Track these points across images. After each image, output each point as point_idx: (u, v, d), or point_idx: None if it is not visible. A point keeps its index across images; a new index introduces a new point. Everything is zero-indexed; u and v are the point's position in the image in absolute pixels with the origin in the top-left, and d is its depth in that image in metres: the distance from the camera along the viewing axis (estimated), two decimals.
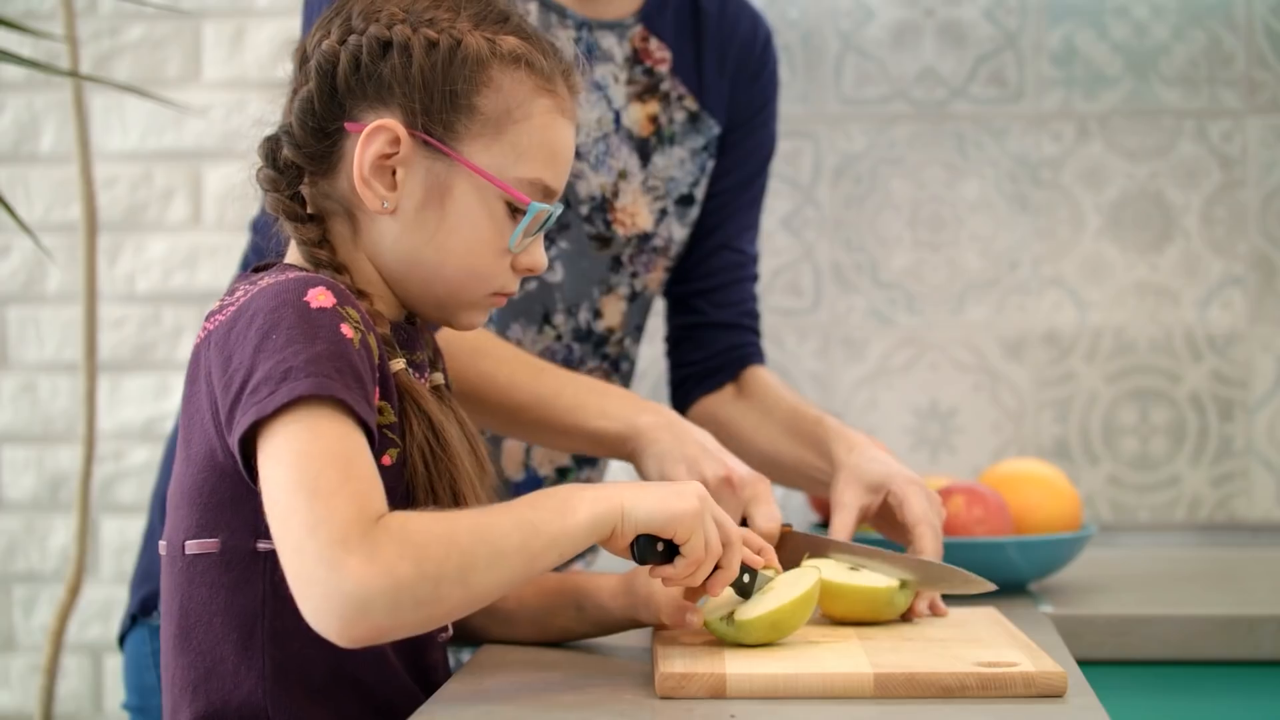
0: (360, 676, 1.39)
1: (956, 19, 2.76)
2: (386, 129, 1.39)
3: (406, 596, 1.22)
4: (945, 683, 1.31)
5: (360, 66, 1.40)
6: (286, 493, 1.24)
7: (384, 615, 1.22)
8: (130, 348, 2.89)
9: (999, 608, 1.67)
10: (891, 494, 1.71)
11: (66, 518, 2.88)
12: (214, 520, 1.36)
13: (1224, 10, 2.73)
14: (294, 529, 1.23)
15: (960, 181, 2.76)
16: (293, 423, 1.26)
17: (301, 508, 1.23)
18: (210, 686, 1.36)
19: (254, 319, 1.32)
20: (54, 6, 2.82)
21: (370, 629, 1.22)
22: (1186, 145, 2.74)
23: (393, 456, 1.38)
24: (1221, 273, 2.74)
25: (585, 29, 1.90)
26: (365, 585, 1.21)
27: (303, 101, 1.42)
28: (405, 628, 1.24)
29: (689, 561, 1.38)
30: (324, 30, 1.44)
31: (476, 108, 1.40)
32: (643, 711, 1.28)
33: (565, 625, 1.55)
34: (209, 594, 1.36)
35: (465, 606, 1.26)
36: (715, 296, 2.05)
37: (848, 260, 2.77)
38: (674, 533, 1.36)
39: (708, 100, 1.98)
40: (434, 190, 1.41)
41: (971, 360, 2.76)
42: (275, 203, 1.44)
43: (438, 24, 1.41)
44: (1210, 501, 2.73)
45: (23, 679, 2.91)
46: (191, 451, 1.37)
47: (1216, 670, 1.92)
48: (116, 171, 2.88)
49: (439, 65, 1.39)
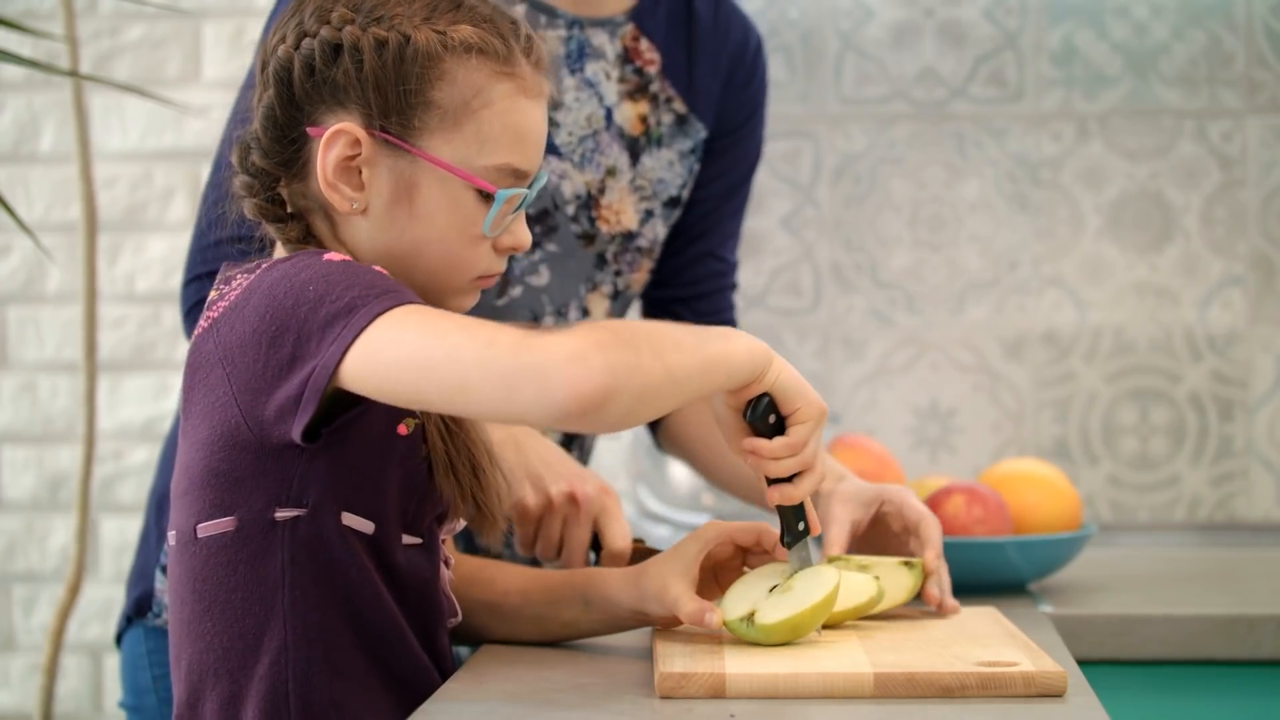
0: (380, 650, 1.39)
1: (956, 19, 2.76)
2: (345, 132, 1.39)
3: (612, 355, 1.23)
4: (945, 682, 1.31)
5: (314, 71, 1.40)
6: (435, 348, 1.25)
7: (600, 366, 1.22)
8: (130, 347, 2.89)
9: (999, 607, 1.67)
10: (887, 502, 1.70)
11: (66, 517, 2.88)
12: (229, 499, 1.36)
13: (1224, 10, 2.73)
14: (467, 359, 1.24)
15: (960, 181, 2.76)
16: (387, 329, 1.28)
17: (464, 340, 1.25)
18: (232, 665, 1.37)
19: (276, 287, 1.33)
20: (54, 6, 2.82)
21: (599, 373, 1.22)
22: (1186, 145, 2.74)
23: (409, 426, 1.39)
24: (1221, 273, 2.74)
25: (576, 27, 1.89)
26: (569, 346, 1.23)
27: (265, 109, 1.42)
28: (623, 387, 1.24)
29: (790, 443, 1.39)
30: (280, 34, 1.43)
31: (433, 102, 1.39)
32: (642, 711, 1.28)
33: (570, 620, 1.54)
34: (225, 572, 1.36)
35: (666, 383, 1.27)
36: (696, 305, 2.04)
37: (847, 260, 2.77)
38: (797, 409, 1.38)
39: (696, 104, 1.97)
40: (401, 187, 1.41)
41: (971, 360, 2.76)
42: (254, 208, 1.44)
43: (386, 22, 1.39)
44: (1210, 501, 2.73)
45: (22, 679, 2.91)
46: (201, 437, 1.37)
47: (1216, 670, 1.92)
48: (116, 171, 2.88)
49: (390, 64, 1.39)
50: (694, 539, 1.48)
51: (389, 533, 1.40)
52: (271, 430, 1.33)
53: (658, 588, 1.47)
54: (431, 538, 1.44)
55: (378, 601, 1.39)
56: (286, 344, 1.31)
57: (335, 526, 1.36)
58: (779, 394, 1.38)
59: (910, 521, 1.68)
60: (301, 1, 1.44)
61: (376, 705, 1.40)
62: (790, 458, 1.40)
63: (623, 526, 1.67)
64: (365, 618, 1.39)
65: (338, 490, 1.36)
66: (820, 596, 1.41)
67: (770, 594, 1.43)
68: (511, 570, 1.57)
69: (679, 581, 1.46)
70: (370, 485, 1.38)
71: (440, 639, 1.46)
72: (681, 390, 1.30)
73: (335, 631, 1.37)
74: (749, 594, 1.44)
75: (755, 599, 1.43)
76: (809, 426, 1.40)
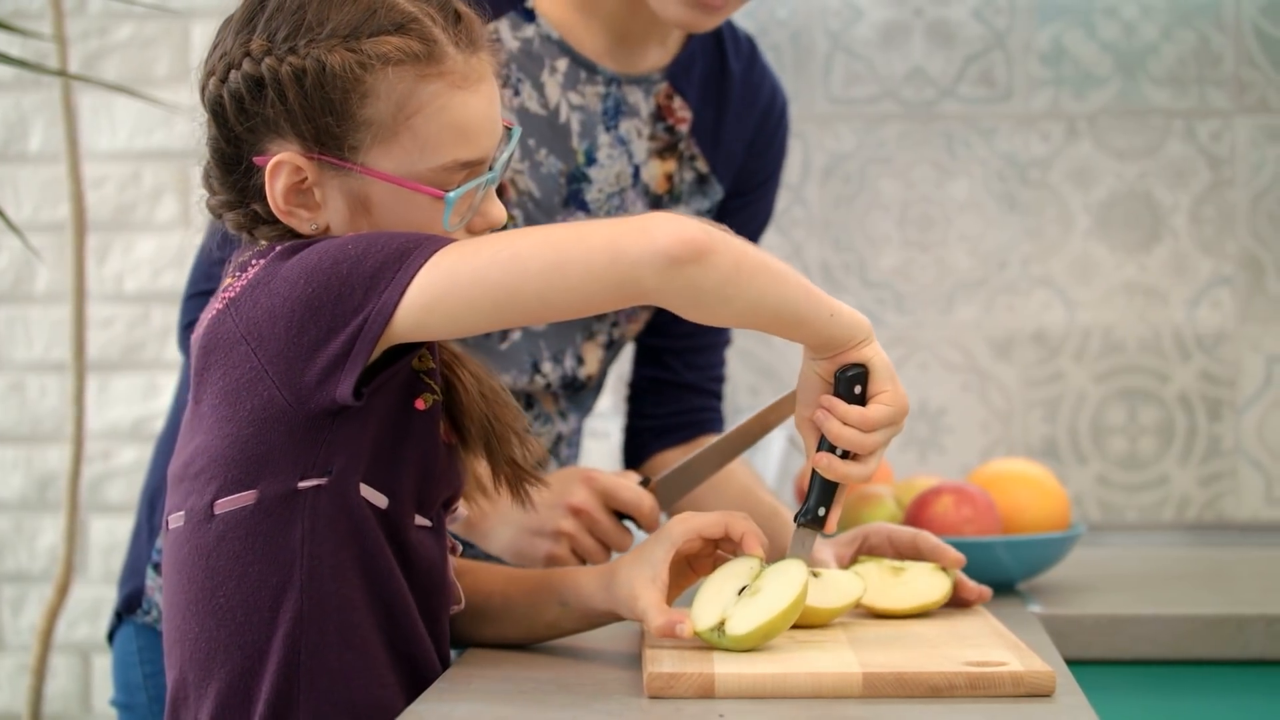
0: (388, 625, 1.40)
1: (945, 19, 2.76)
2: (286, 162, 1.39)
3: (707, 224, 1.29)
4: (934, 682, 1.31)
5: (245, 108, 1.40)
6: (520, 241, 1.30)
7: (696, 226, 1.28)
8: (119, 347, 2.89)
9: (988, 607, 1.67)
10: (872, 534, 1.71)
11: (55, 517, 2.88)
12: (253, 473, 1.36)
13: (1213, 10, 2.73)
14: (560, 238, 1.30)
15: (949, 181, 2.76)
16: (448, 258, 1.32)
17: (546, 230, 1.32)
18: (245, 639, 1.37)
19: (308, 256, 1.34)
20: (43, 6, 2.82)
21: (696, 230, 1.28)
22: (1175, 145, 2.75)
23: (427, 401, 1.40)
24: (1210, 272, 2.74)
25: (615, 84, 1.87)
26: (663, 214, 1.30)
27: (211, 142, 1.43)
28: (722, 248, 1.29)
29: (864, 415, 1.38)
30: (210, 67, 1.43)
31: (363, 120, 1.38)
32: (631, 711, 1.28)
33: (552, 620, 1.54)
34: (242, 546, 1.37)
35: (764, 273, 1.32)
36: (689, 358, 2.04)
37: (836, 260, 2.77)
38: (884, 391, 1.38)
39: (718, 165, 1.95)
40: (355, 203, 1.40)
41: (960, 360, 2.76)
42: (234, 222, 1.45)
43: (302, 50, 1.38)
44: (1199, 501, 2.74)
45: (11, 679, 2.91)
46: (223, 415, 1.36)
47: (1205, 670, 1.92)
48: (105, 171, 2.87)
49: (311, 92, 1.38)
50: (660, 540, 1.46)
51: (402, 509, 1.40)
52: (311, 396, 1.33)
53: (626, 595, 1.46)
54: (439, 522, 1.45)
55: (390, 576, 1.40)
56: (328, 303, 1.32)
57: (355, 497, 1.37)
58: (873, 371, 1.38)
59: (904, 542, 1.68)
60: (224, 28, 1.44)
61: (382, 679, 1.40)
62: (855, 432, 1.39)
63: (632, 493, 1.71)
64: (379, 591, 1.39)
65: (359, 461, 1.37)
66: (789, 601, 1.40)
67: (739, 597, 1.42)
68: (492, 572, 1.57)
69: (647, 590, 1.44)
70: (387, 460, 1.39)
71: (442, 622, 1.47)
72: (782, 288, 1.33)
73: (350, 603, 1.37)
74: (718, 598, 1.42)
75: (725, 604, 1.41)
76: (887, 413, 1.39)
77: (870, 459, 1.41)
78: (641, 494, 1.72)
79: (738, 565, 1.45)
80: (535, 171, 1.83)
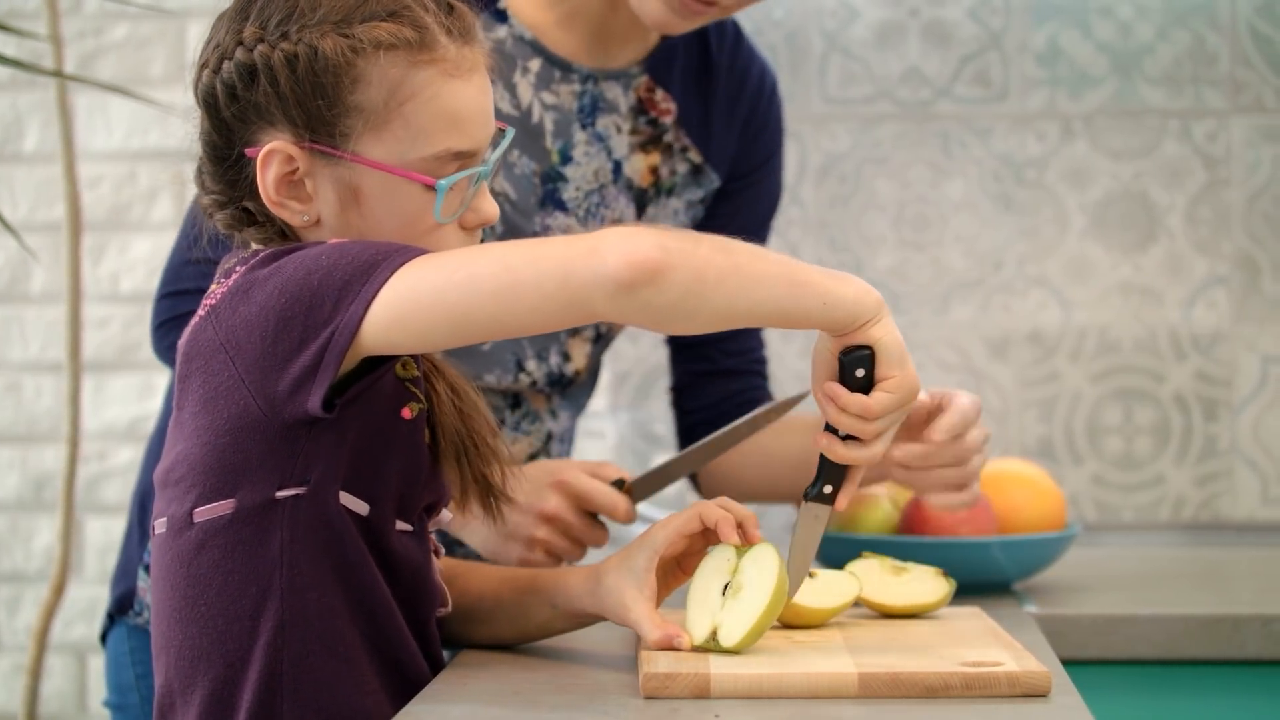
0: (372, 632, 1.40)
1: (941, 19, 2.76)
2: (278, 151, 1.39)
3: (665, 237, 1.27)
4: (929, 682, 1.31)
5: (237, 95, 1.40)
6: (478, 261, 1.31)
7: (652, 242, 1.26)
8: (114, 348, 2.89)
9: (983, 607, 1.67)
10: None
11: (51, 517, 2.88)
12: (230, 482, 1.36)
13: (1208, 10, 2.73)
14: (515, 261, 1.29)
15: (945, 181, 2.76)
16: (414, 271, 1.31)
17: (505, 249, 1.32)
18: (227, 647, 1.37)
19: (284, 266, 1.34)
20: (38, 6, 2.82)
21: (651, 247, 1.26)
22: (1171, 145, 2.75)
23: (413, 410, 1.39)
24: (1206, 272, 2.74)
25: (590, 81, 1.87)
26: (621, 229, 1.29)
27: (203, 135, 1.43)
28: (678, 264, 1.26)
29: (866, 405, 1.36)
30: (204, 59, 1.43)
31: (354, 107, 1.38)
32: (627, 712, 1.28)
33: (544, 621, 1.54)
34: (222, 555, 1.36)
35: (733, 275, 1.29)
36: (724, 345, 2.03)
37: (832, 260, 2.77)
38: (891, 376, 1.36)
39: (712, 154, 1.95)
40: (346, 193, 1.40)
41: (956, 360, 2.77)
42: (224, 221, 1.45)
43: (294, 36, 1.38)
44: (1194, 501, 2.74)
45: (6, 679, 2.90)
46: (202, 424, 1.36)
47: (1201, 670, 1.92)
48: (101, 171, 2.87)
49: (304, 78, 1.38)
50: (642, 548, 1.45)
51: (383, 516, 1.40)
52: (284, 406, 1.33)
53: (615, 604, 1.45)
54: (421, 526, 1.45)
55: (373, 583, 1.39)
56: (299, 315, 1.32)
57: (334, 505, 1.37)
58: (879, 353, 1.36)
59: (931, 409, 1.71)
60: (218, 22, 1.44)
61: (367, 687, 1.40)
62: (857, 420, 1.38)
63: (605, 497, 1.71)
64: (360, 598, 1.39)
65: (337, 470, 1.36)
66: (770, 592, 1.39)
67: (724, 600, 1.41)
68: (483, 574, 1.57)
69: (637, 601, 1.43)
70: (370, 468, 1.38)
71: (429, 625, 1.47)
72: (755, 290, 1.30)
73: (332, 611, 1.37)
74: (706, 603, 1.41)
75: (712, 610, 1.41)
76: (893, 399, 1.36)
77: (875, 442, 1.39)
78: (616, 498, 1.71)
79: (716, 559, 1.44)
80: (509, 173, 1.82)
